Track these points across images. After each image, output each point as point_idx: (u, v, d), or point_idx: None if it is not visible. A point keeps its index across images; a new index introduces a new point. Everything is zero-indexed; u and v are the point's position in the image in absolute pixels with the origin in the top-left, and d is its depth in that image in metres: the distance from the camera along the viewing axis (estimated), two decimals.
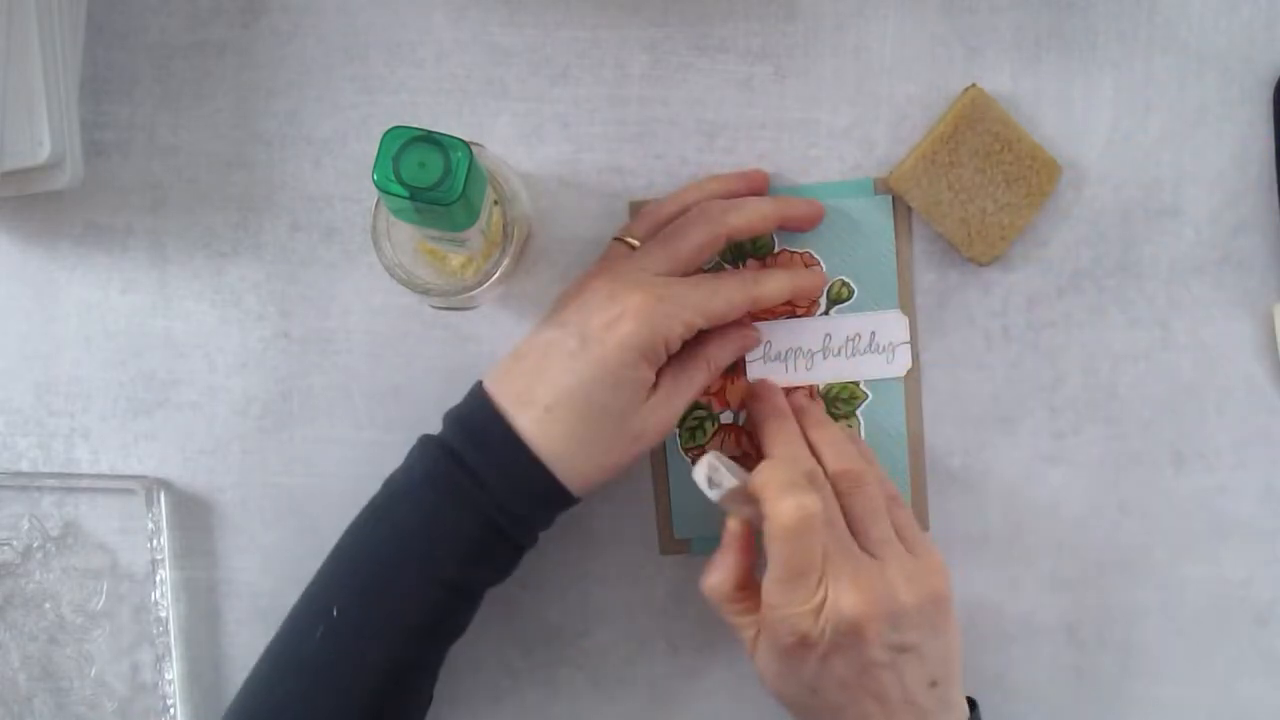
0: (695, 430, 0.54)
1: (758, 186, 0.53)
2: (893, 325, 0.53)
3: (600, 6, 0.54)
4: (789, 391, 0.53)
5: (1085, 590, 0.54)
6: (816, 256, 0.53)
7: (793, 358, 0.54)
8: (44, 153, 0.50)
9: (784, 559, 0.44)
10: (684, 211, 0.51)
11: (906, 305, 0.53)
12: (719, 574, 0.47)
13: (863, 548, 0.46)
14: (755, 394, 0.52)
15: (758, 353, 0.54)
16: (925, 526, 0.54)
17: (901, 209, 0.53)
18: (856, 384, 0.54)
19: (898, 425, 0.54)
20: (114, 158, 0.54)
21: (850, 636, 0.44)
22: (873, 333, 0.54)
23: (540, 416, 0.46)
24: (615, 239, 0.51)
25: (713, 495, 0.46)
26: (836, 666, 0.45)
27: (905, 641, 0.45)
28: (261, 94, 0.54)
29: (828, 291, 0.53)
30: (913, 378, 0.54)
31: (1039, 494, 0.54)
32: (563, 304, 0.49)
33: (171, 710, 0.54)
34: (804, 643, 0.44)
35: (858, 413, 0.54)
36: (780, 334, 0.54)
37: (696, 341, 0.50)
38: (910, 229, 0.53)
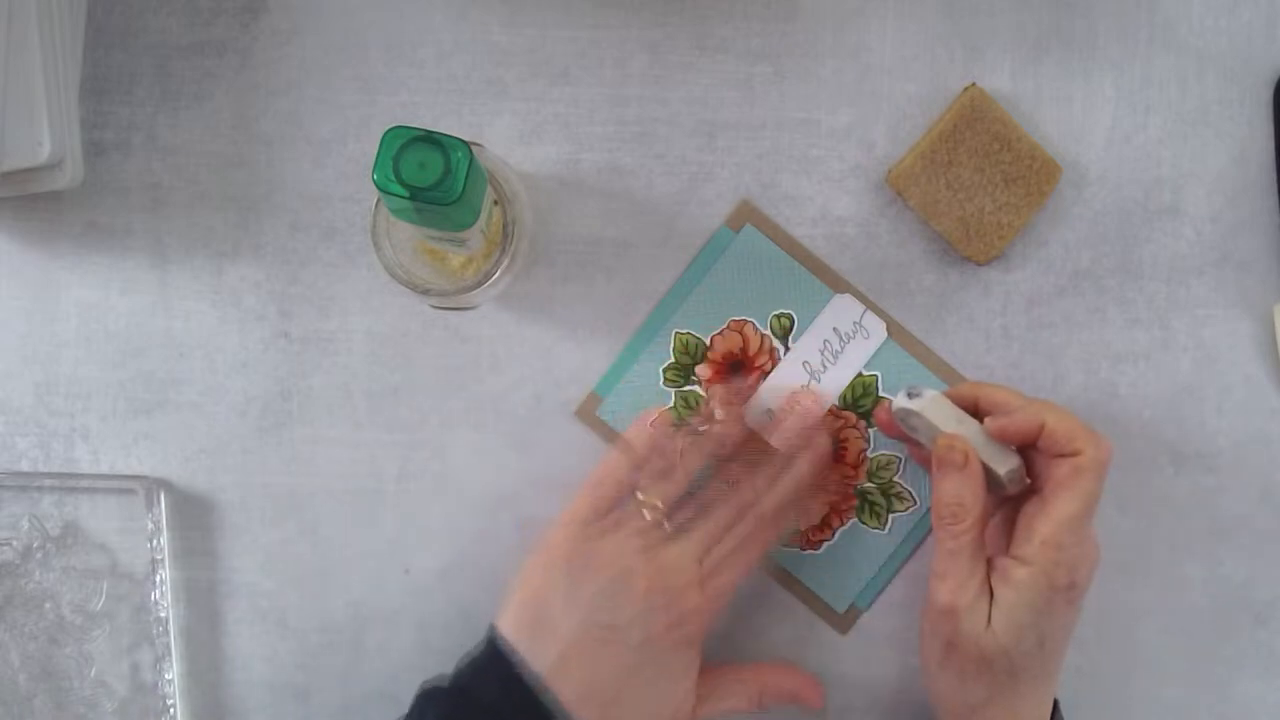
0: None
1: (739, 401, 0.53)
2: (844, 309, 0.54)
3: (600, 6, 0.54)
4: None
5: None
6: (770, 339, 0.54)
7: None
8: (44, 153, 0.50)
9: (1092, 495, 0.46)
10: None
11: (838, 285, 0.54)
12: (971, 485, 0.48)
13: None
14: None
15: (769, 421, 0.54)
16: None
17: (761, 219, 0.53)
18: (860, 375, 0.54)
19: (921, 376, 0.54)
20: (114, 158, 0.54)
21: (1090, 579, 0.47)
22: (834, 328, 0.54)
23: (603, 715, 0.47)
24: (638, 498, 0.50)
25: (914, 405, 0.48)
26: (1072, 612, 0.48)
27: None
28: (261, 94, 0.54)
29: (776, 328, 0.54)
30: (896, 330, 0.54)
31: None
32: (594, 568, 0.48)
33: (171, 710, 0.54)
34: (1074, 584, 0.47)
35: (883, 393, 0.54)
36: (771, 396, 0.54)
37: (753, 671, 0.52)
38: (782, 229, 0.53)
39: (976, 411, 0.50)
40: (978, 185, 0.52)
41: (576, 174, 0.54)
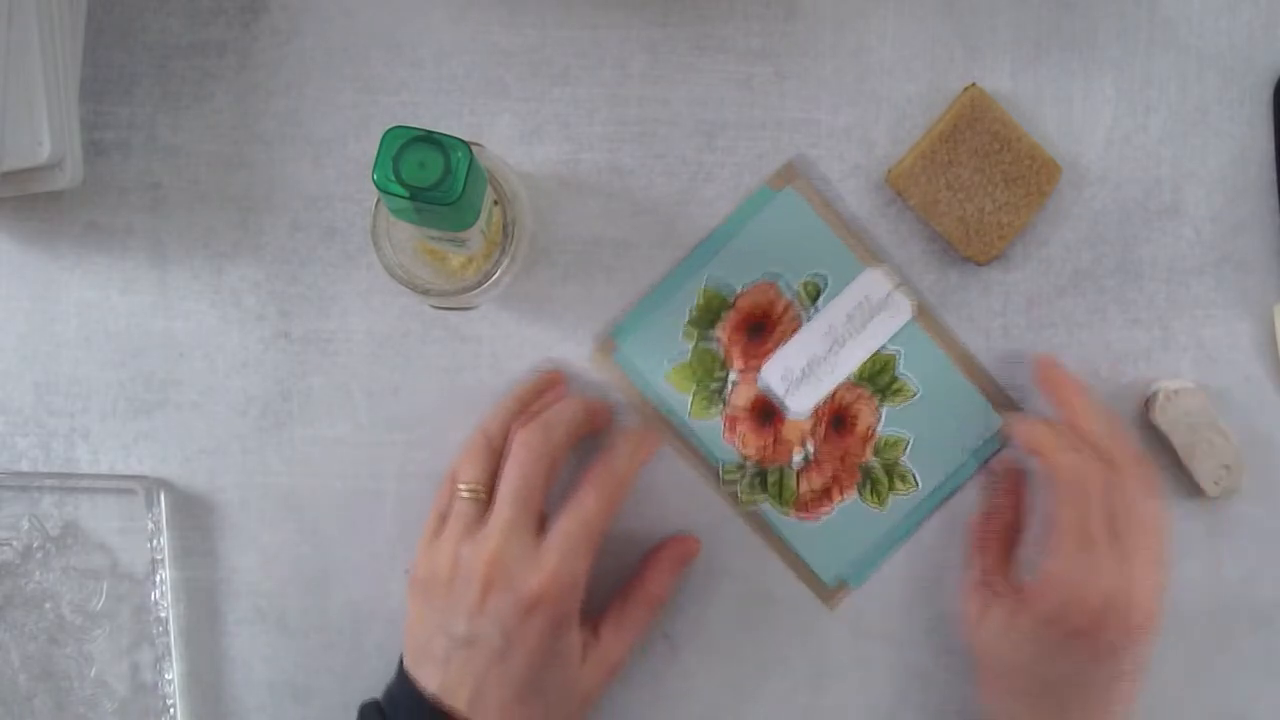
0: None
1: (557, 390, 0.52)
2: (875, 282, 0.54)
3: (600, 6, 0.54)
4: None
5: None
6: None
7: (814, 368, 0.54)
8: (44, 153, 0.50)
9: (1069, 518, 0.46)
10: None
11: (871, 260, 0.54)
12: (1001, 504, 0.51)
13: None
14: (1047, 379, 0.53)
15: (784, 384, 0.54)
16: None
17: (804, 184, 0.53)
18: (880, 351, 0.54)
19: (941, 361, 0.54)
20: (114, 158, 0.54)
21: (1130, 634, 0.46)
22: (865, 297, 0.54)
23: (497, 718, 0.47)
24: (456, 491, 0.49)
25: None
26: (1098, 667, 0.46)
27: (1137, 642, 0.46)
28: (261, 94, 0.54)
29: (803, 293, 0.54)
30: (924, 312, 0.54)
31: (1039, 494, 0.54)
32: (438, 582, 0.48)
33: (171, 710, 0.54)
34: (1077, 630, 0.45)
35: (901, 372, 0.54)
36: (791, 356, 0.54)
37: (635, 581, 0.51)
38: (829, 201, 0.53)
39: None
40: (978, 185, 0.52)
41: (576, 174, 0.54)
